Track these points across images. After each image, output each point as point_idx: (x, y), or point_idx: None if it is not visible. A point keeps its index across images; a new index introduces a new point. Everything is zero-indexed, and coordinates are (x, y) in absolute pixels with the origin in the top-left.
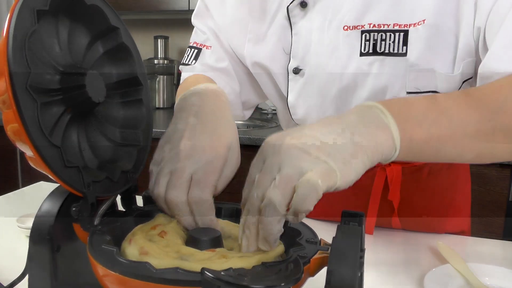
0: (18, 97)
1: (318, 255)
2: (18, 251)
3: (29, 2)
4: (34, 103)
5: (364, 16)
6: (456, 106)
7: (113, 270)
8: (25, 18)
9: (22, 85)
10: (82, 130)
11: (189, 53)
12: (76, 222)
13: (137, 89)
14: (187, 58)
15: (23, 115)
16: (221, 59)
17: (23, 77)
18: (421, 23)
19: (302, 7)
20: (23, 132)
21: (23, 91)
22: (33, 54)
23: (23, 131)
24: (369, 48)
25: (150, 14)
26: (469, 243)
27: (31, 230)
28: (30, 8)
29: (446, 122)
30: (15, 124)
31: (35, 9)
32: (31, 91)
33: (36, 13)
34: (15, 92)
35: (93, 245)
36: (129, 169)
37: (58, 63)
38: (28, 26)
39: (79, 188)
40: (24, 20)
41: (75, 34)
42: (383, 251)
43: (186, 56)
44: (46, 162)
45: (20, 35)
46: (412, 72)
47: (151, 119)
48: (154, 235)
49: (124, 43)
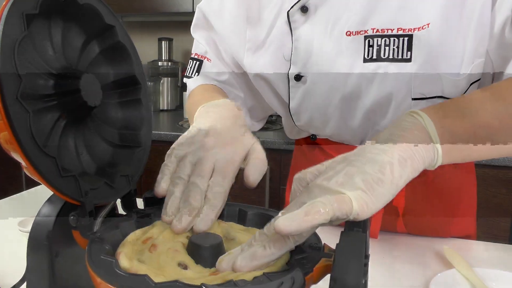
0: (8, 108)
1: (322, 263)
2: (19, 254)
3: (17, 6)
4: (26, 113)
5: (368, 21)
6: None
7: (111, 283)
8: (13, 23)
9: (12, 95)
10: (79, 134)
11: (191, 65)
12: (75, 229)
13: (135, 88)
14: (190, 71)
15: (14, 126)
16: (221, 73)
17: (14, 87)
18: (426, 27)
19: (303, 12)
20: (15, 143)
21: (14, 101)
22: (24, 60)
23: (15, 142)
24: (373, 54)
25: (154, 16)
26: (475, 247)
27: (29, 236)
28: (19, 12)
29: (490, 107)
30: (6, 133)
31: (24, 13)
32: (22, 102)
33: (25, 17)
34: (5, 103)
35: (92, 255)
36: (128, 173)
37: (52, 66)
38: (17, 32)
39: (76, 197)
40: (12, 26)
41: (69, 35)
42: (388, 255)
43: (188, 68)
44: (40, 173)
45: (9, 43)
46: (417, 77)
47: (150, 120)
48: (144, 250)
49: (120, 41)
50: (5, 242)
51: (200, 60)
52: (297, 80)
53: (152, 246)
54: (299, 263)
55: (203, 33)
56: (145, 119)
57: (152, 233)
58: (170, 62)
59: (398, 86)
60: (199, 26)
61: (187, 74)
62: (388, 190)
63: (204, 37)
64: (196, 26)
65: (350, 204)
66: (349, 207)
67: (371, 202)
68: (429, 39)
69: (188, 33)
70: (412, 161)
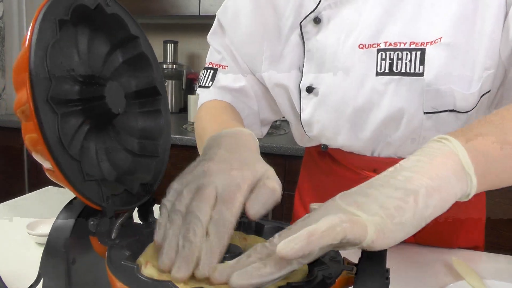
0: (39, 109)
1: (343, 275)
2: (28, 258)
3: (50, 12)
4: (55, 115)
5: (380, 34)
6: None
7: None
8: (47, 28)
9: (43, 97)
10: (100, 141)
11: (206, 74)
12: (93, 235)
13: (156, 99)
14: (204, 80)
15: (43, 128)
16: (238, 78)
17: (45, 88)
18: (438, 41)
19: (315, 23)
20: (43, 145)
21: (44, 103)
22: (54, 65)
23: (43, 144)
24: (385, 67)
25: (160, 19)
26: (484, 258)
27: (46, 243)
28: (52, 18)
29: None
30: (34, 134)
31: (57, 19)
32: (52, 103)
33: (58, 23)
34: (36, 104)
35: (112, 260)
36: (147, 181)
37: (78, 73)
38: (49, 36)
39: (98, 202)
40: (46, 30)
41: (95, 43)
42: (396, 266)
43: (202, 77)
44: (65, 176)
45: (42, 46)
46: (429, 91)
47: (169, 130)
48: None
49: (144, 52)
50: (13, 245)
51: (214, 68)
52: (309, 92)
53: None
54: (321, 275)
55: (219, 40)
56: (164, 130)
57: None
58: (175, 65)
59: (410, 100)
60: (215, 33)
61: (201, 84)
62: (410, 221)
63: (221, 43)
64: (212, 33)
65: (365, 228)
66: (363, 231)
67: (389, 231)
68: (441, 53)
69: (193, 36)
70: (441, 192)
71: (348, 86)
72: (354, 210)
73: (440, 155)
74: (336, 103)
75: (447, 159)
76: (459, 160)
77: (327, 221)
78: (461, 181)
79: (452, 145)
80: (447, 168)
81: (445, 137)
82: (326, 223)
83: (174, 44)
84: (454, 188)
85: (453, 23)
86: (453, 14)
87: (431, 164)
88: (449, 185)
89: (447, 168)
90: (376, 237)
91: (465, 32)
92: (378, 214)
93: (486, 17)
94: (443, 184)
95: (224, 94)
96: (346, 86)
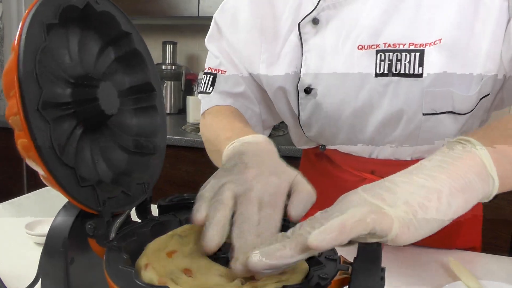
0: (30, 120)
1: (339, 275)
2: (27, 258)
3: (37, 16)
4: (46, 124)
5: (380, 35)
6: None
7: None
8: (34, 33)
9: (34, 106)
10: (95, 142)
11: (205, 80)
12: (91, 237)
13: (150, 95)
14: (204, 86)
15: (36, 139)
16: (237, 83)
17: (35, 97)
18: (437, 42)
19: (314, 24)
20: (35, 155)
21: (35, 112)
22: (43, 69)
23: (35, 153)
24: (384, 68)
25: (159, 20)
26: (481, 259)
27: (44, 242)
28: (39, 22)
29: None
30: (26, 142)
31: (45, 23)
32: (43, 111)
33: (46, 27)
34: (27, 114)
35: (111, 265)
36: (144, 181)
37: (69, 74)
38: (38, 41)
39: (94, 207)
40: (33, 36)
41: (86, 42)
42: (393, 266)
43: (202, 83)
44: (59, 183)
45: (30, 52)
46: (429, 93)
47: (165, 127)
48: (175, 270)
49: (136, 48)
50: (12, 245)
51: (214, 74)
52: (307, 93)
53: (187, 271)
54: (317, 276)
55: (217, 44)
56: (160, 126)
57: (174, 245)
58: (174, 66)
59: (409, 101)
60: (213, 37)
61: (201, 90)
62: (433, 218)
63: (218, 47)
64: (210, 37)
65: (391, 221)
66: (390, 224)
67: (413, 226)
68: (440, 55)
69: (192, 37)
70: (464, 192)
71: (347, 87)
72: (380, 204)
73: (463, 157)
74: (335, 104)
75: (470, 161)
76: (482, 162)
77: (358, 212)
78: (484, 182)
79: (474, 147)
80: (470, 169)
81: (466, 138)
82: (358, 214)
83: (173, 45)
84: (477, 189)
85: (453, 25)
86: (453, 16)
87: (454, 165)
88: (472, 186)
89: (470, 170)
90: (401, 232)
91: (464, 34)
92: (402, 210)
93: (486, 20)
94: (466, 185)
95: (226, 98)
96: (345, 87)
